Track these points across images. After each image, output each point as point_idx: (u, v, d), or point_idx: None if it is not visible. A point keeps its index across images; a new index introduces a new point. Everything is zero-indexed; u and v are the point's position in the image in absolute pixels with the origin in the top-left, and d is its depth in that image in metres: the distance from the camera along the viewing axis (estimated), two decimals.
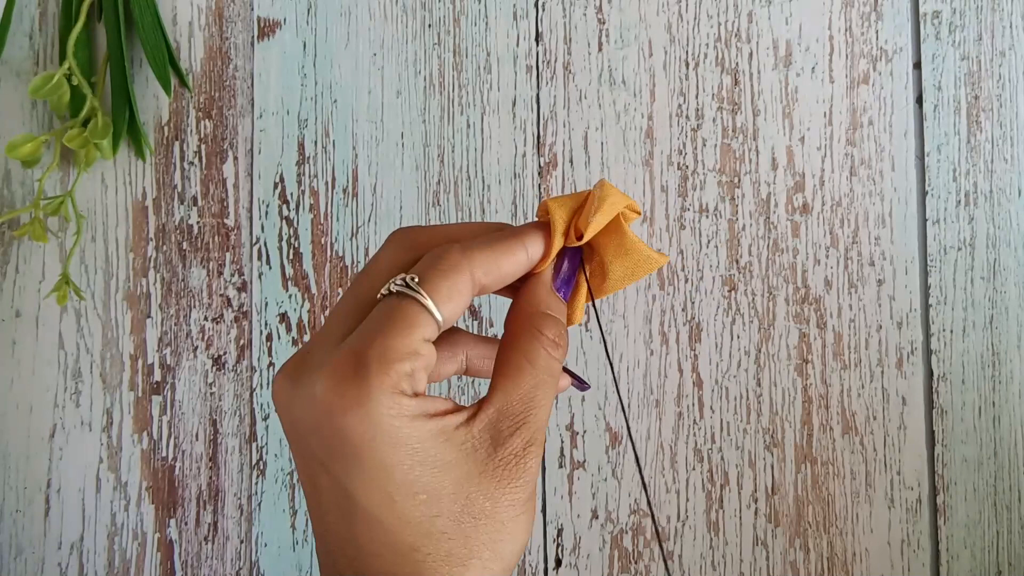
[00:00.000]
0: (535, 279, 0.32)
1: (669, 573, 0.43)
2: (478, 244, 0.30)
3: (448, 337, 0.34)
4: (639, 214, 0.33)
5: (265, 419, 0.44)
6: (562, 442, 0.45)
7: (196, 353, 0.44)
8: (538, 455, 0.29)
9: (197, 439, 0.44)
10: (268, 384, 0.44)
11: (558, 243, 0.31)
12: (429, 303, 0.28)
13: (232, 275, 0.45)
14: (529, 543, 0.44)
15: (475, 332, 0.44)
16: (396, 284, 0.29)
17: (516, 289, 0.33)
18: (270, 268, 0.45)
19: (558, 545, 0.44)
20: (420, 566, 0.28)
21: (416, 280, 0.29)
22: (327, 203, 0.45)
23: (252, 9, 0.46)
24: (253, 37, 0.46)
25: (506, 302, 0.43)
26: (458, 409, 0.29)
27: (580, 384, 0.35)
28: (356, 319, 0.29)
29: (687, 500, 0.44)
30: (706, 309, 0.45)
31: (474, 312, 0.45)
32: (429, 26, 0.46)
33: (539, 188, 0.45)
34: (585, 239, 0.31)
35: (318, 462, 0.29)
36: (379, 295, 0.29)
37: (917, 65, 0.46)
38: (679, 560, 0.44)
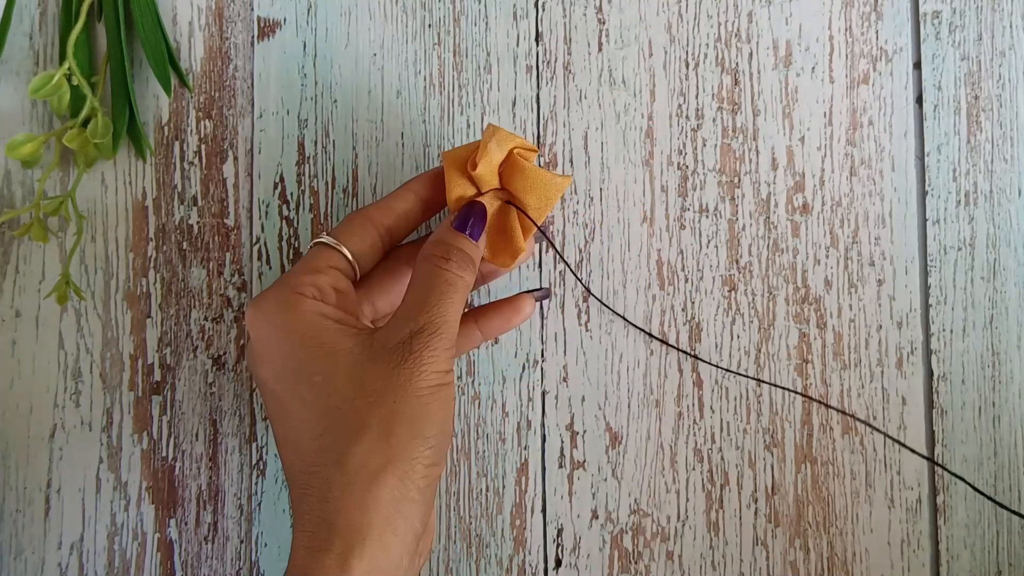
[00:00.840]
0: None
1: None
2: (380, 200, 0.39)
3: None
4: (535, 151, 0.39)
5: (265, 419, 0.44)
6: (562, 442, 0.45)
7: (196, 353, 0.44)
8: (431, 344, 0.33)
9: (197, 439, 0.44)
10: None
11: (454, 185, 0.38)
12: (329, 239, 0.37)
13: (232, 275, 0.45)
14: (529, 543, 0.44)
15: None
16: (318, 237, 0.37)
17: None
18: (270, 268, 0.45)
19: (558, 545, 0.44)
20: (319, 441, 0.32)
21: (328, 232, 0.37)
22: (327, 203, 0.45)
23: (252, 9, 0.46)
24: (253, 37, 0.46)
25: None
26: (362, 322, 0.36)
27: (542, 294, 0.44)
28: None
29: (687, 500, 0.44)
30: (706, 309, 0.45)
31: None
32: (429, 26, 0.46)
33: None
34: (478, 171, 0.38)
35: (257, 379, 0.36)
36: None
37: (917, 65, 0.46)
38: (679, 560, 0.44)
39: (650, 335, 0.45)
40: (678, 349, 0.45)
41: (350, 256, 0.37)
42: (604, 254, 0.45)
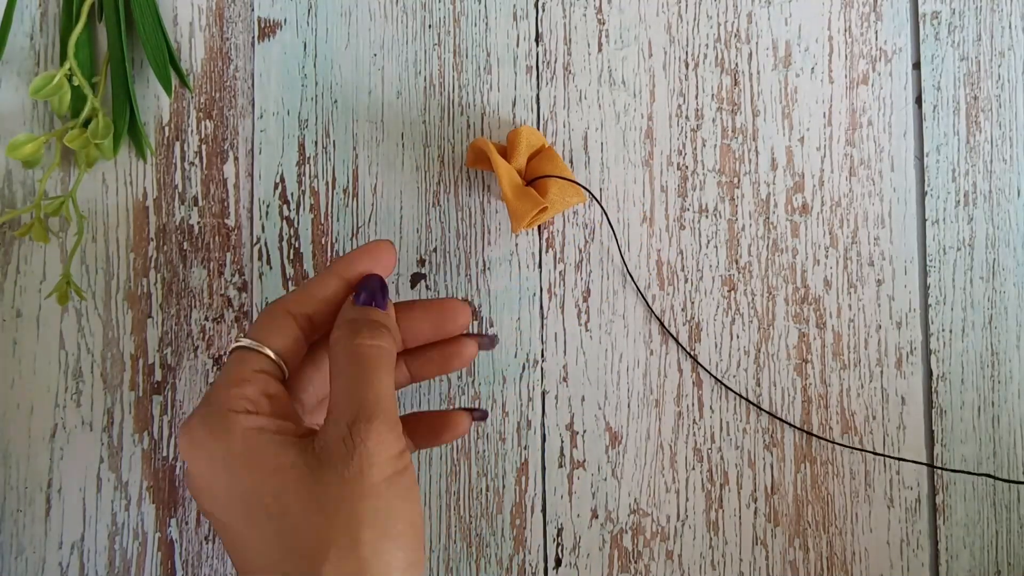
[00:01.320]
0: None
1: None
2: (298, 288, 0.36)
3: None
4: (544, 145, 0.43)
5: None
6: (562, 442, 0.45)
7: (197, 353, 0.45)
8: (372, 432, 0.30)
9: None
10: None
11: (503, 169, 0.41)
12: (248, 342, 0.33)
13: (233, 275, 0.45)
14: (528, 543, 0.44)
15: (475, 331, 0.44)
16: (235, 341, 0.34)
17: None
18: (271, 268, 0.45)
19: (558, 545, 0.44)
20: (280, 568, 0.29)
21: (243, 334, 0.35)
22: (327, 203, 0.45)
23: (252, 10, 0.46)
24: (254, 38, 0.46)
25: (506, 303, 0.44)
26: (302, 429, 0.32)
27: (487, 341, 0.41)
28: None
29: (687, 500, 0.44)
30: (706, 309, 0.45)
31: (475, 312, 0.45)
32: (429, 27, 0.46)
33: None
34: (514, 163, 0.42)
35: (202, 510, 0.32)
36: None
37: (916, 65, 0.46)
38: (679, 560, 0.44)
39: (756, 404, 0.45)
40: (716, 378, 0.45)
41: (274, 356, 0.34)
42: (604, 254, 0.45)
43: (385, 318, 0.35)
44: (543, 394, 0.45)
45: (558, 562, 0.44)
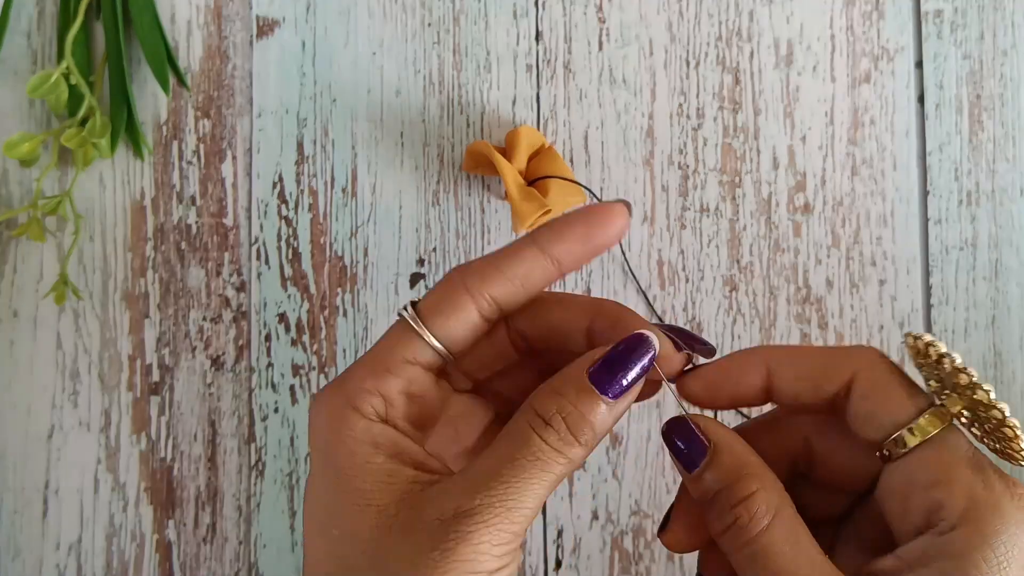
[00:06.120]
0: (579, 357, 0.26)
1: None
2: (485, 258, 0.27)
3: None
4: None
5: (264, 420, 0.44)
6: None
7: (195, 353, 0.44)
8: (475, 538, 0.23)
9: (196, 440, 0.44)
10: (267, 384, 0.44)
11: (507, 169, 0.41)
12: (409, 316, 0.26)
13: (231, 275, 0.45)
14: (529, 544, 0.44)
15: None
16: (402, 308, 0.27)
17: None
18: (269, 268, 0.45)
19: (558, 546, 0.44)
20: None
21: (413, 305, 0.26)
22: (326, 203, 0.45)
23: (251, 8, 0.46)
24: (252, 36, 0.46)
25: None
26: (424, 463, 0.26)
27: (700, 347, 0.27)
28: None
29: None
30: (707, 309, 0.45)
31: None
32: (428, 25, 0.46)
33: None
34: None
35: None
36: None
37: (919, 64, 0.46)
38: (680, 561, 0.44)
39: None
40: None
41: (437, 345, 0.26)
42: (604, 254, 0.45)
43: (602, 420, 0.25)
44: None
45: (558, 564, 0.44)
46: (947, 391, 0.25)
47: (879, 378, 0.25)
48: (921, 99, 0.46)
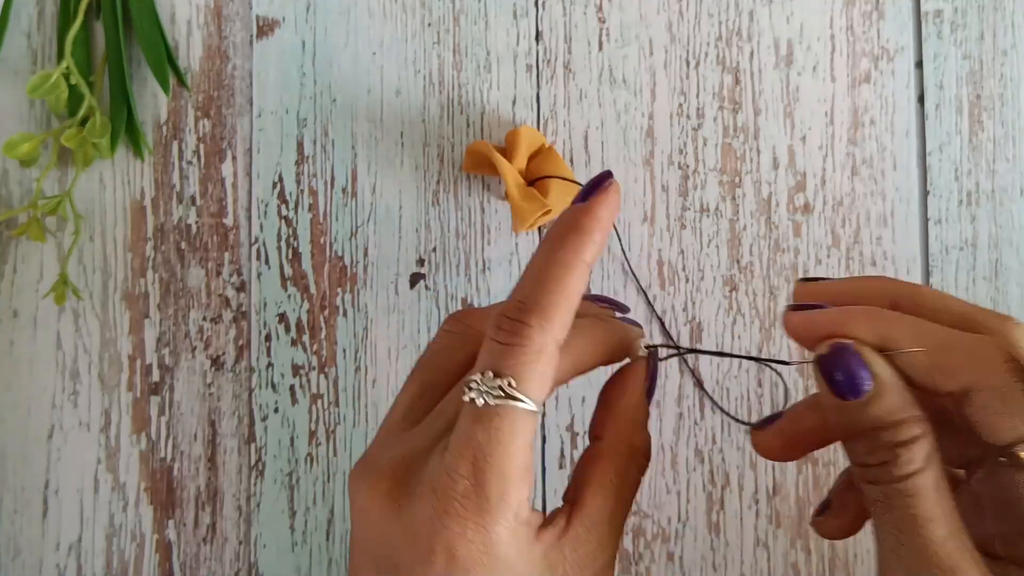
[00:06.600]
0: (632, 381, 0.29)
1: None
2: (552, 302, 0.26)
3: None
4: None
5: (264, 420, 0.44)
6: (562, 442, 0.44)
7: (195, 353, 0.44)
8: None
9: (196, 440, 0.44)
10: (267, 384, 0.44)
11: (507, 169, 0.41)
12: (531, 405, 0.25)
13: (231, 275, 0.45)
14: None
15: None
16: (486, 387, 0.25)
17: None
18: (269, 268, 0.45)
19: None
20: None
21: (513, 383, 0.25)
22: (326, 203, 0.45)
23: (251, 8, 0.46)
24: (252, 36, 0.46)
25: None
26: (549, 522, 0.26)
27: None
28: (424, 410, 0.28)
29: (688, 501, 0.44)
30: (707, 309, 0.45)
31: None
32: (428, 25, 0.46)
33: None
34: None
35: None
36: (467, 398, 0.25)
37: (919, 64, 0.46)
38: (680, 561, 0.44)
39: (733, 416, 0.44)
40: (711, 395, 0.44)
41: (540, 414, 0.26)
42: (604, 254, 0.45)
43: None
44: None
45: None
46: None
47: (1001, 389, 0.24)
48: (921, 99, 0.46)
